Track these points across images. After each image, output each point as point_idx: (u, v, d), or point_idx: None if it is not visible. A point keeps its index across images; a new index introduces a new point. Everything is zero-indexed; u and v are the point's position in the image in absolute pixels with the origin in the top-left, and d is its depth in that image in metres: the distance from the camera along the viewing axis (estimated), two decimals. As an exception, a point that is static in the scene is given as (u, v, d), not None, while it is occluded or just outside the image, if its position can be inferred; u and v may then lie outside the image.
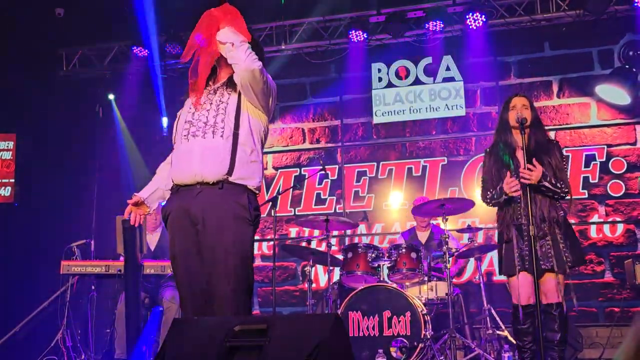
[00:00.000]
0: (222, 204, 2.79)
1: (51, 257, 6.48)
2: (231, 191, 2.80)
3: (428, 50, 7.27)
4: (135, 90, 7.59)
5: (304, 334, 2.34)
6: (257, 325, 2.36)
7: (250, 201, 2.84)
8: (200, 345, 2.37)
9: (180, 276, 2.86)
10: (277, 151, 7.62)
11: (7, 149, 7.67)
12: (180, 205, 2.87)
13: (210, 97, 3.00)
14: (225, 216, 2.78)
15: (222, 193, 2.79)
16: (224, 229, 2.76)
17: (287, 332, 2.36)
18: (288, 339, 2.34)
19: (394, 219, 7.21)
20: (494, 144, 4.07)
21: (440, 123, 7.30)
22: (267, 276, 7.35)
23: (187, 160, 2.86)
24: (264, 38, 7.37)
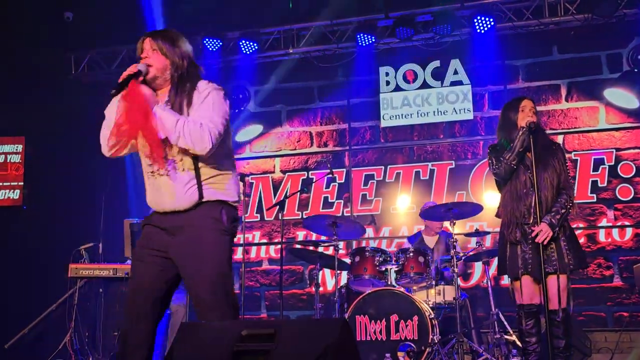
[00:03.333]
0: (197, 220, 2.83)
1: (59, 260, 6.49)
2: (205, 209, 2.84)
3: (436, 53, 7.27)
4: (144, 93, 7.60)
5: (312, 339, 2.33)
6: (264, 330, 2.35)
7: (227, 213, 2.87)
8: (208, 349, 2.36)
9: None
10: (284, 155, 7.63)
11: (16, 152, 7.71)
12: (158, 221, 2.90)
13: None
14: (200, 229, 2.82)
15: (196, 212, 2.83)
16: (199, 241, 2.80)
17: (295, 337, 2.35)
18: (296, 344, 2.33)
19: (401, 223, 7.19)
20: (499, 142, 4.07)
21: (448, 127, 7.28)
22: (274, 280, 7.34)
23: (159, 196, 2.88)
24: (271, 42, 7.39)
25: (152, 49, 2.87)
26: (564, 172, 3.94)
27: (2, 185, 7.68)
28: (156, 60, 2.85)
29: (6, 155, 7.74)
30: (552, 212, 3.82)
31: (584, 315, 6.45)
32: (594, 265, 6.56)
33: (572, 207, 3.90)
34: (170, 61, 2.86)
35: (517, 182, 3.92)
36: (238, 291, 7.28)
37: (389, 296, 5.08)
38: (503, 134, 4.05)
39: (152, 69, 2.83)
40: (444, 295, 5.43)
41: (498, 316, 5.43)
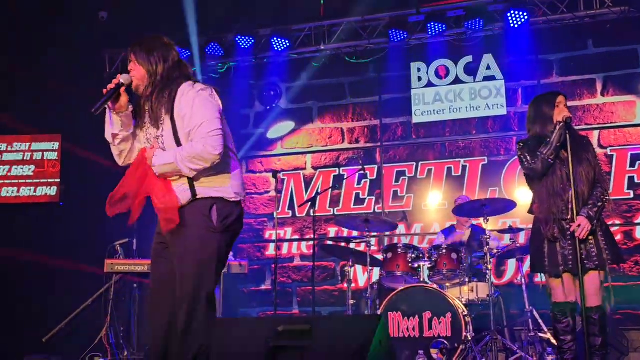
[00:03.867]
0: (187, 216, 2.84)
1: (95, 256, 6.61)
2: (197, 205, 2.86)
3: (468, 49, 7.21)
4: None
5: (348, 335, 2.34)
6: (300, 326, 2.37)
7: (219, 209, 2.86)
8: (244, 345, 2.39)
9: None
10: (316, 151, 7.64)
11: (53, 149, 7.85)
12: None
13: (148, 134, 2.97)
14: (188, 225, 2.83)
15: (189, 208, 2.85)
16: (185, 237, 2.82)
17: (331, 333, 2.36)
18: (332, 340, 2.34)
19: (433, 219, 7.15)
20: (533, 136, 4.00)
21: (480, 122, 7.21)
22: (306, 276, 7.37)
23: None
24: (303, 39, 7.40)
25: (133, 60, 2.95)
26: (597, 166, 3.92)
27: (39, 182, 7.83)
28: (136, 71, 2.92)
29: (43, 153, 7.88)
30: (589, 205, 3.77)
31: (620, 314, 6.33)
32: (630, 263, 6.44)
33: (607, 201, 3.84)
34: (146, 70, 2.90)
35: (554, 177, 3.86)
36: (270, 287, 7.36)
37: (421, 293, 5.06)
38: (537, 127, 4.00)
39: (134, 79, 2.91)
40: (477, 292, 5.38)
41: (532, 314, 5.37)
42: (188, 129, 2.80)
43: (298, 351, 2.30)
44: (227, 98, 7.74)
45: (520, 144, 4.04)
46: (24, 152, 7.89)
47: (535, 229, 3.98)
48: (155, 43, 2.97)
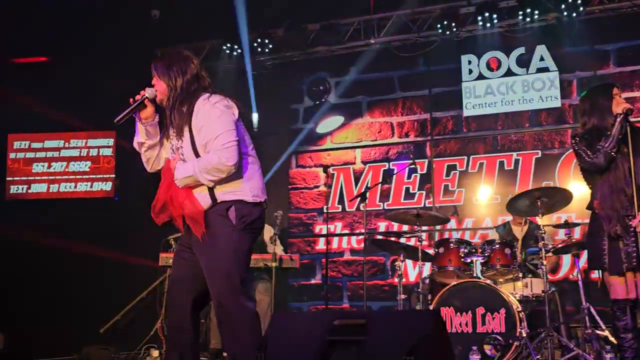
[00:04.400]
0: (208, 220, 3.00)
1: (149, 249, 6.75)
2: (217, 208, 3.02)
3: (520, 40, 7.07)
4: (227, 87, 7.74)
5: (404, 330, 2.33)
6: (356, 320, 2.37)
7: (237, 210, 3.00)
8: (301, 338, 2.40)
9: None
10: (365, 145, 7.61)
11: (108, 145, 8.06)
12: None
13: (172, 144, 3.14)
14: (210, 226, 3.00)
15: (209, 212, 3.02)
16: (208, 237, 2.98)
17: (387, 328, 2.35)
18: (388, 335, 2.33)
19: (484, 214, 7.05)
20: (589, 129, 3.89)
21: (533, 115, 7.06)
22: (356, 270, 7.36)
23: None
24: (352, 33, 7.38)
25: (154, 74, 3.10)
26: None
27: (95, 177, 8.05)
28: (158, 85, 3.08)
29: (99, 149, 8.10)
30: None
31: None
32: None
33: None
34: (166, 84, 3.05)
35: (616, 172, 3.74)
36: (320, 281, 7.39)
37: (474, 288, 4.99)
38: (595, 120, 3.89)
39: (158, 92, 3.07)
40: (531, 288, 5.28)
41: (589, 311, 5.23)
42: (205, 140, 2.96)
43: (354, 345, 2.29)
44: (276, 93, 7.82)
45: (576, 137, 3.92)
46: (81, 148, 8.12)
47: (594, 225, 3.86)
48: (175, 57, 3.10)
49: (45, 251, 7.30)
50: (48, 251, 7.31)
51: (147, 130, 3.10)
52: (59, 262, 7.28)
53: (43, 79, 7.56)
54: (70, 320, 6.94)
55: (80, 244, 7.40)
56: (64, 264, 7.27)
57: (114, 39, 7.40)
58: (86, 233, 7.48)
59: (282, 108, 7.92)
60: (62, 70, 7.52)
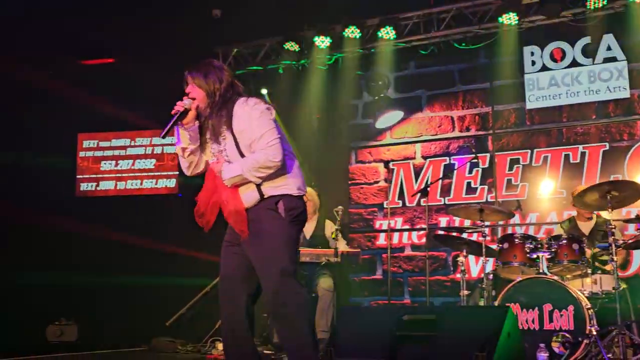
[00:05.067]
0: (257, 214, 3.16)
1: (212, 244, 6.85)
2: (265, 203, 3.17)
3: (586, 29, 6.82)
4: (287, 84, 7.83)
5: (475, 326, 2.30)
6: (426, 316, 2.35)
7: (285, 203, 3.16)
8: (370, 333, 2.40)
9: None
10: (425, 140, 7.53)
11: (172, 143, 8.23)
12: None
13: (212, 148, 3.26)
14: (260, 221, 3.15)
15: (257, 207, 3.17)
16: (258, 231, 3.14)
17: (457, 324, 2.32)
18: (458, 331, 2.30)
19: (549, 209, 6.87)
20: None
21: (600, 106, 6.83)
22: (417, 265, 7.30)
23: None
24: (411, 27, 7.30)
25: (191, 83, 3.20)
26: None
27: (160, 174, 8.26)
28: (196, 94, 3.17)
29: (163, 147, 8.31)
30: None
31: None
32: None
33: None
34: (205, 92, 3.16)
35: None
36: (381, 277, 7.36)
37: (541, 284, 4.87)
38: None
39: (195, 101, 3.16)
40: (600, 284, 5.11)
41: (663, 308, 5.04)
42: (249, 141, 3.11)
43: (424, 341, 2.28)
44: (335, 89, 7.82)
45: None
46: (146, 146, 8.35)
47: None
48: (210, 67, 3.23)
49: (114, 246, 7.54)
50: (116, 246, 7.55)
51: (190, 135, 3.21)
52: (127, 257, 7.50)
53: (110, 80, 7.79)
54: (138, 313, 7.15)
55: (146, 239, 7.60)
56: (130, 258, 7.49)
57: (177, 39, 7.54)
58: (152, 229, 7.69)
59: (341, 104, 7.91)
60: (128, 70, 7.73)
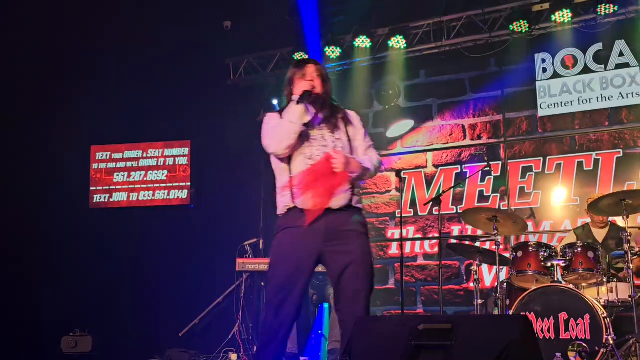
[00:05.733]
0: (353, 223, 3.24)
1: (225, 255, 6.87)
2: (358, 214, 3.26)
3: (597, 35, 6.79)
4: (298, 94, 7.82)
5: (492, 336, 2.26)
6: (441, 325, 2.32)
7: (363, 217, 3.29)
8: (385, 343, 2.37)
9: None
10: (436, 149, 7.50)
11: (183, 154, 8.27)
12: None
13: (318, 139, 3.26)
14: (357, 232, 3.26)
15: (350, 215, 3.22)
16: (355, 242, 3.22)
17: (474, 333, 2.29)
18: (475, 340, 2.26)
19: (563, 216, 6.81)
20: None
21: (613, 113, 6.78)
22: (429, 275, 7.25)
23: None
24: (421, 36, 7.29)
25: (315, 74, 3.26)
26: None
27: (172, 185, 8.27)
28: (319, 85, 3.24)
29: (175, 158, 8.32)
30: None
31: None
32: None
33: None
34: (325, 89, 3.27)
35: None
36: (394, 286, 7.31)
37: (556, 293, 4.81)
38: None
39: (315, 91, 3.22)
40: (617, 292, 5.04)
41: (681, 317, 4.95)
42: (359, 144, 3.29)
43: (441, 350, 2.24)
44: (346, 99, 7.81)
45: None
46: (158, 158, 8.36)
47: None
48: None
49: (127, 257, 7.55)
50: (130, 257, 7.56)
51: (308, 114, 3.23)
52: (140, 268, 7.51)
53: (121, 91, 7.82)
54: (151, 324, 7.15)
55: (160, 250, 7.62)
56: (144, 269, 7.50)
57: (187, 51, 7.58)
58: (165, 239, 7.70)
59: (352, 113, 7.89)
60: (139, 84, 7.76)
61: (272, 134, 3.20)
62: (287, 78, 3.33)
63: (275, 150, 3.17)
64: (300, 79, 3.23)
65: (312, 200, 3.06)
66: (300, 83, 3.21)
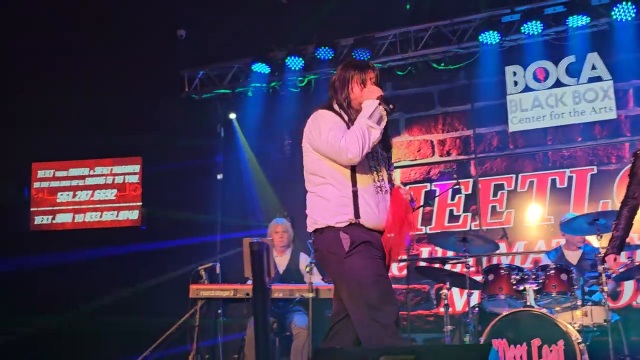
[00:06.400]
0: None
1: (178, 281, 6.76)
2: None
3: (570, 48, 6.96)
4: (257, 108, 7.83)
5: (457, 367, 2.26)
6: (404, 357, 2.31)
7: None
8: (344, 377, 2.35)
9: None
10: (404, 166, 7.53)
11: (134, 172, 8.16)
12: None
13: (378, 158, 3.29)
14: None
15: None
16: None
17: (438, 365, 2.28)
18: (439, 372, 2.26)
19: (537, 237, 6.89)
20: None
21: (586, 128, 6.92)
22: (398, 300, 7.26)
23: (383, 212, 3.20)
24: (387, 46, 7.36)
25: (376, 80, 3.27)
26: None
27: (121, 206, 8.14)
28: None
29: (124, 176, 8.20)
30: None
31: None
32: None
33: None
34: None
35: None
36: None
37: (529, 318, 4.86)
38: None
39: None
40: (591, 316, 5.12)
41: (657, 341, 5.05)
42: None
43: (402, 384, 2.23)
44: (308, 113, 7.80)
45: (638, 152, 3.82)
46: (106, 175, 8.23)
47: None
48: None
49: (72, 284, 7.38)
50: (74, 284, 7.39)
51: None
52: (86, 294, 7.35)
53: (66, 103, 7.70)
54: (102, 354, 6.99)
55: (107, 275, 7.47)
56: (90, 296, 7.34)
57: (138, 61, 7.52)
58: (113, 264, 7.55)
59: (316, 128, 7.90)
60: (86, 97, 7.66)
61: (352, 137, 3.06)
62: (343, 78, 3.26)
63: (355, 155, 3.05)
64: (362, 83, 3.21)
65: (394, 239, 3.14)
66: (369, 87, 3.19)
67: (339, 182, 3.14)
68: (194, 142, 7.79)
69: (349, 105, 3.23)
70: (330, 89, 3.33)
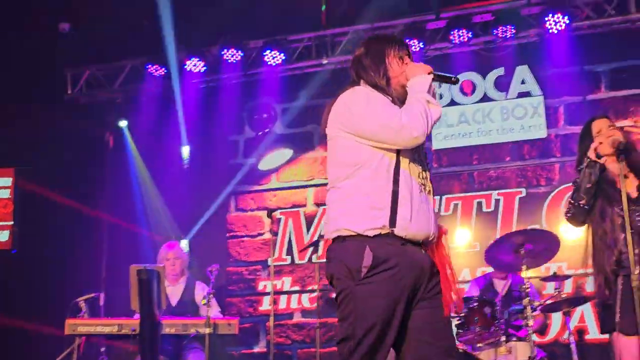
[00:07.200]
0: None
1: (55, 314, 6.58)
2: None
3: (499, 59, 7.23)
4: (151, 115, 7.74)
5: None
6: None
7: None
8: None
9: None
10: (318, 184, 7.60)
11: (5, 186, 7.89)
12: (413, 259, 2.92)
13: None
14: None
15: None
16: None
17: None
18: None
19: (461, 264, 7.06)
20: None
21: (515, 147, 7.20)
22: (308, 335, 7.29)
23: (427, 217, 2.99)
24: (301, 51, 7.45)
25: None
26: None
27: (-11, 225, 7.85)
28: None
29: (-7, 191, 7.93)
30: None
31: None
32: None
33: None
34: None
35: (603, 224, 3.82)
36: (265, 350, 7.28)
37: (449, 356, 4.98)
38: None
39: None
40: (515, 353, 5.30)
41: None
42: None
43: None
44: (211, 121, 7.81)
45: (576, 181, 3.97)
46: (-29, 190, 7.93)
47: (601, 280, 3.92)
48: None
49: None
50: None
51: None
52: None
53: None
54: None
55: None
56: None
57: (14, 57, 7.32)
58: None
59: (219, 139, 7.90)
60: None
61: (413, 113, 2.82)
62: (379, 53, 3.03)
63: (422, 134, 2.82)
64: (400, 59, 3.00)
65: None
66: (412, 63, 2.99)
67: (378, 174, 2.89)
68: (77, 151, 7.62)
69: (388, 84, 2.99)
70: (357, 67, 3.08)
